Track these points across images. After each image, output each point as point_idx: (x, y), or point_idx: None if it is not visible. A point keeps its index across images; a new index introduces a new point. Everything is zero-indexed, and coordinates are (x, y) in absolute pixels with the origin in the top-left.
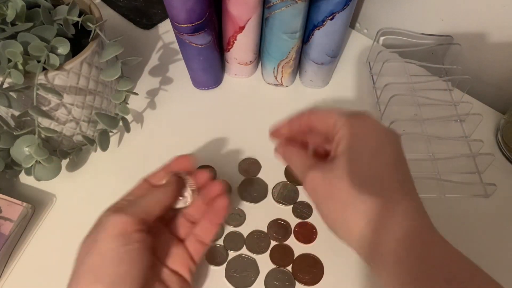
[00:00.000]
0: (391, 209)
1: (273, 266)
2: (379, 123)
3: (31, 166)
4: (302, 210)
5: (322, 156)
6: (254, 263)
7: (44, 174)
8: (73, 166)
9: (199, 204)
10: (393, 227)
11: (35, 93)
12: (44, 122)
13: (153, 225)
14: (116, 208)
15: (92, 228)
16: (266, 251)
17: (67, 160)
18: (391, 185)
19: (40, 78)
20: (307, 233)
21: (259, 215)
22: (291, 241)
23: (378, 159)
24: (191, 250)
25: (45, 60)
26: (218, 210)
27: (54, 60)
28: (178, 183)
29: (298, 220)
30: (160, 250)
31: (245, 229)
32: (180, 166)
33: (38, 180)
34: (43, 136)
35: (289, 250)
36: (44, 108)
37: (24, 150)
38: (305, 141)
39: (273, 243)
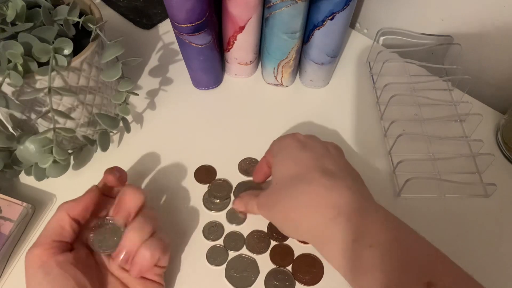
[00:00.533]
0: (328, 188)
1: (273, 266)
2: (300, 136)
3: (46, 165)
4: None
5: None
6: (254, 263)
7: (56, 172)
8: (73, 166)
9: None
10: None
11: (51, 95)
12: (43, 123)
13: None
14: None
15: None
16: (266, 251)
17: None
18: (315, 172)
19: (39, 79)
20: None
21: (259, 215)
22: (291, 241)
23: (300, 161)
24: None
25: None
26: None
27: (62, 61)
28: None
29: None
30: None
31: (245, 229)
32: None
33: (43, 178)
34: (58, 136)
35: (289, 250)
36: (41, 110)
37: (33, 149)
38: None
39: (273, 243)
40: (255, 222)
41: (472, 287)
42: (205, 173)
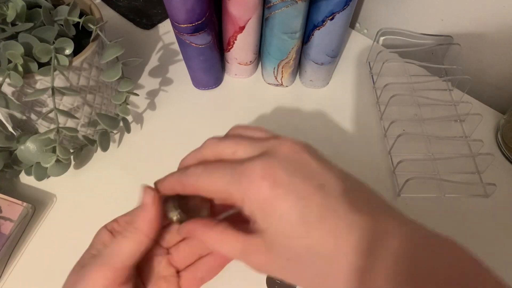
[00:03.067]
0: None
1: None
2: (275, 175)
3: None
4: None
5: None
6: None
7: (58, 171)
8: (74, 166)
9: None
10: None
11: (54, 95)
12: (43, 123)
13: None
14: (99, 256)
15: (91, 246)
16: None
17: None
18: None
19: (39, 79)
20: None
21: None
22: None
23: (307, 221)
24: (183, 283)
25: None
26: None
27: (63, 60)
28: (158, 204)
29: None
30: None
31: None
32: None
33: (43, 178)
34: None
35: None
36: (41, 110)
37: (34, 149)
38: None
39: None
40: None
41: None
42: None
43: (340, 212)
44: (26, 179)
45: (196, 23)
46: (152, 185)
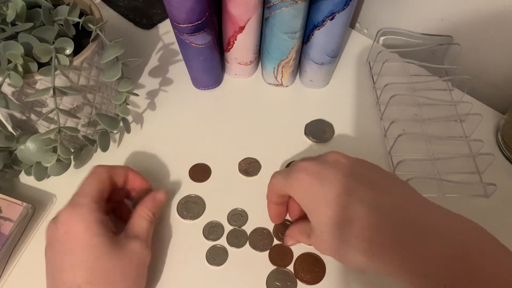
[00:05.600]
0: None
1: (274, 267)
2: (313, 169)
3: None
4: None
5: None
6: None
7: (58, 171)
8: (74, 166)
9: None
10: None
11: (55, 95)
12: (43, 123)
13: None
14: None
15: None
16: (269, 248)
17: None
18: (367, 223)
19: (39, 79)
20: None
21: (261, 214)
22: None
23: (333, 204)
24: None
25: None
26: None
27: (64, 60)
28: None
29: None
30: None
31: (248, 227)
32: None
33: (43, 178)
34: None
35: (288, 250)
36: (41, 110)
37: (35, 149)
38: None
39: (275, 242)
40: (258, 221)
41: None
42: (200, 172)
43: (356, 189)
44: (26, 179)
45: (196, 23)
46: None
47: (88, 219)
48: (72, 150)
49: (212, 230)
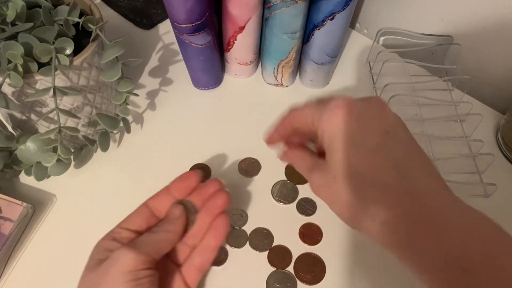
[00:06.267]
0: (401, 195)
1: (273, 269)
2: (353, 106)
3: (49, 164)
4: (306, 207)
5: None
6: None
7: (58, 171)
8: (74, 166)
9: (199, 225)
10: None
11: (55, 95)
12: (43, 123)
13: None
14: (128, 244)
15: (93, 255)
16: (269, 248)
17: None
18: (387, 173)
19: (39, 79)
20: (312, 234)
21: (261, 214)
22: (290, 242)
23: (364, 150)
24: (187, 277)
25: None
26: (218, 228)
27: (64, 60)
28: (185, 215)
29: (303, 217)
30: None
31: (247, 227)
32: (183, 186)
33: (43, 178)
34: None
35: (287, 251)
36: (41, 110)
37: (35, 149)
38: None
39: (276, 242)
40: (258, 221)
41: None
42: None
43: (391, 149)
44: (26, 179)
45: (196, 23)
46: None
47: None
48: (72, 150)
49: None
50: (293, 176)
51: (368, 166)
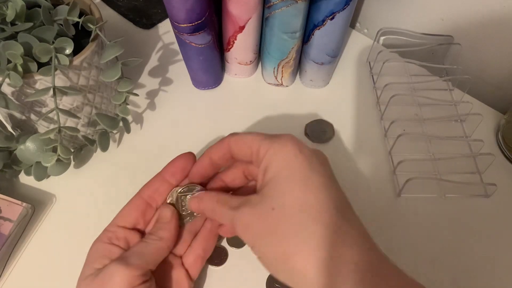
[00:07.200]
0: (340, 236)
1: None
2: (303, 146)
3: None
4: None
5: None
6: None
7: (58, 171)
8: (73, 166)
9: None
10: (346, 259)
11: (55, 95)
12: (43, 123)
13: None
14: (123, 259)
15: (89, 262)
16: None
17: None
18: (330, 212)
19: (38, 79)
20: None
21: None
22: None
23: (310, 185)
24: (189, 268)
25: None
26: None
27: (64, 60)
28: (176, 216)
29: None
30: (158, 273)
31: None
32: (178, 169)
33: (42, 178)
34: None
35: None
36: (41, 110)
37: (34, 149)
38: (222, 184)
39: None
40: None
41: None
42: None
43: (334, 191)
44: (26, 179)
45: (196, 22)
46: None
47: None
48: (72, 150)
49: None
50: None
51: (313, 202)
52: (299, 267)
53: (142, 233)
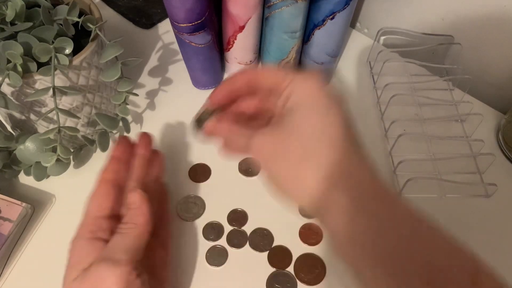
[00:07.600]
0: (353, 166)
1: (273, 269)
2: (330, 90)
3: (47, 164)
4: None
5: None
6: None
7: (58, 171)
8: (73, 166)
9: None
10: (347, 182)
11: (55, 95)
12: (42, 123)
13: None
14: (109, 258)
15: (74, 262)
16: (269, 248)
17: None
18: (347, 144)
19: (38, 79)
20: (312, 234)
21: (261, 214)
22: (290, 243)
23: (332, 117)
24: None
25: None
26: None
27: (64, 60)
28: (146, 198)
29: (303, 217)
30: None
31: (247, 227)
32: (122, 148)
33: (42, 178)
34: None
35: (287, 252)
36: (41, 110)
37: (34, 149)
38: (240, 111)
39: (276, 242)
40: (258, 221)
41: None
42: (200, 172)
43: (349, 124)
44: (25, 179)
45: (195, 22)
46: None
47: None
48: (72, 150)
49: (212, 231)
50: None
51: (332, 133)
52: (309, 190)
53: (120, 218)
